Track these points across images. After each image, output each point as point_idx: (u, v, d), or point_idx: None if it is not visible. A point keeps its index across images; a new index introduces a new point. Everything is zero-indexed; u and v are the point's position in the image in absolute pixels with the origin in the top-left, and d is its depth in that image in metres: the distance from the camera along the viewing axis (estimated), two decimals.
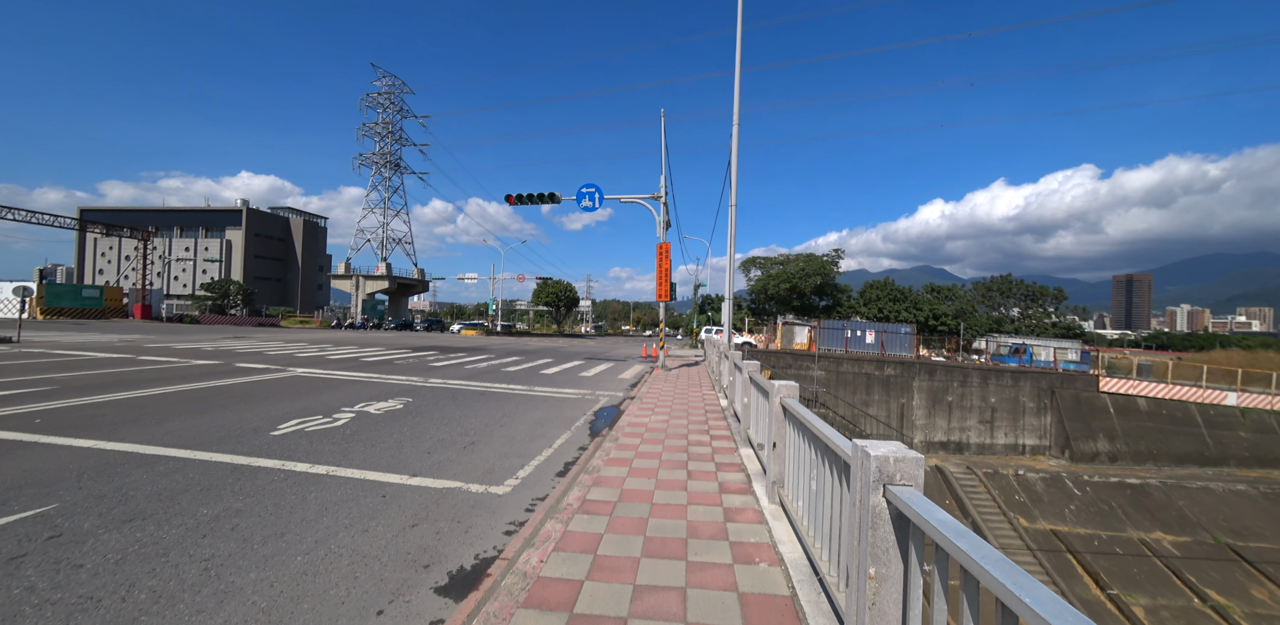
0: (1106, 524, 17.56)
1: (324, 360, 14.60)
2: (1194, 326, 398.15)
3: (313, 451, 5.44)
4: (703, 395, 10.18)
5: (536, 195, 15.36)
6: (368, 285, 71.96)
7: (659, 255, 14.91)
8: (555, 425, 7.44)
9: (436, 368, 13.99)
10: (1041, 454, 22.71)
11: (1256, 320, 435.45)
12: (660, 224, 14.98)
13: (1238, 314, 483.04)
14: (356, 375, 11.66)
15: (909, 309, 35.15)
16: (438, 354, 18.54)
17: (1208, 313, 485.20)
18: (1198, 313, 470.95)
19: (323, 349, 18.49)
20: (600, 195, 15.22)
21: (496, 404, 8.88)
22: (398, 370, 12.96)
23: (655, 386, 11.46)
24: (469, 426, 7.04)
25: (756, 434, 5.08)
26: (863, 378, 23.00)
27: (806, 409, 3.14)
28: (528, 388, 10.99)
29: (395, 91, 74.81)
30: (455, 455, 5.58)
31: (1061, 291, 40.45)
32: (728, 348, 10.09)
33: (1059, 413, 22.33)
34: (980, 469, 20.12)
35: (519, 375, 13.13)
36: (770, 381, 4.22)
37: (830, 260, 38.88)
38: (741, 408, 6.14)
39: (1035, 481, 19.43)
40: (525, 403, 9.17)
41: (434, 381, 11.20)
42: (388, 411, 7.75)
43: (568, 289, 77.51)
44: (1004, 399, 22.84)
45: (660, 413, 8.12)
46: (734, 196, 10.09)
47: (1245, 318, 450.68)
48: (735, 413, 7.62)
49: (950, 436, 22.77)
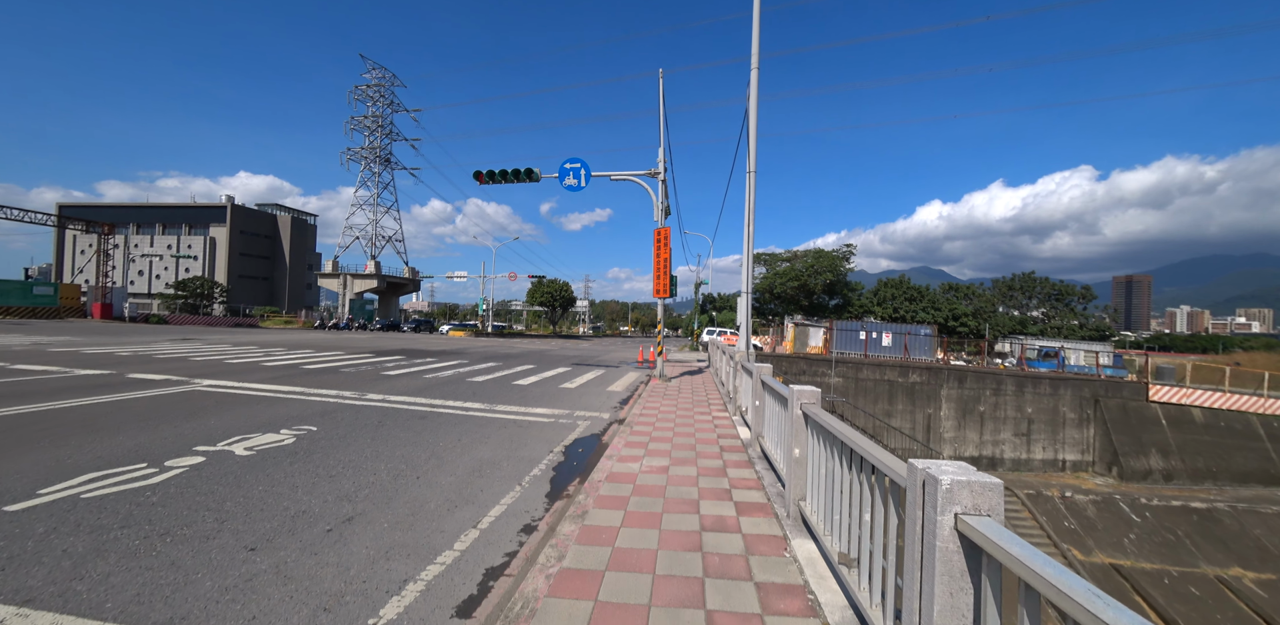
0: (1175, 557, 15.19)
1: (255, 368, 12.19)
2: (1194, 328, 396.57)
3: (39, 553, 3.04)
4: (713, 419, 7.79)
5: (511, 172, 12.97)
6: (356, 284, 69.49)
7: (657, 243, 12.52)
8: (502, 474, 5.05)
9: (387, 377, 11.59)
10: (1083, 470, 20.36)
11: (1256, 321, 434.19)
12: (658, 206, 12.61)
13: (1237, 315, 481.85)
14: (276, 389, 9.26)
15: (927, 309, 32.69)
16: (402, 359, 16.13)
17: (1207, 314, 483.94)
18: (1197, 314, 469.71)
19: (269, 354, 16.07)
20: (587, 172, 12.84)
21: (433, 435, 6.48)
22: (336, 381, 10.55)
23: (651, 404, 9.08)
24: (367, 480, 4.65)
25: (828, 525, 2.71)
26: (884, 385, 20.63)
27: None
28: (487, 407, 8.60)
29: (385, 84, 72.40)
30: (293, 557, 3.18)
31: (1090, 290, 37.88)
32: (746, 357, 7.71)
33: (1104, 425, 19.98)
34: (1021, 489, 17.75)
35: (484, 388, 10.73)
36: (881, 453, 1.86)
37: (841, 256, 36.28)
38: (785, 460, 3.78)
39: (1085, 505, 17.06)
40: (475, 431, 6.78)
41: (370, 398, 8.81)
42: (264, 451, 5.35)
43: (563, 288, 75.14)
44: (1042, 409, 20.49)
45: (656, 453, 5.72)
46: (753, 141, 7.68)
47: (1245, 319, 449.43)
48: (765, 454, 5.25)
49: (982, 451, 20.41)
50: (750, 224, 8.00)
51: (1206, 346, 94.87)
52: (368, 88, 71.25)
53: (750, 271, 7.94)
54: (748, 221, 8.03)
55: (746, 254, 7.97)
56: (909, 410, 20.54)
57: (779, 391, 4.28)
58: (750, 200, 7.99)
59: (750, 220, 7.98)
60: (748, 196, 7.97)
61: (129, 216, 78.87)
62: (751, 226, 8.02)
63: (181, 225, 77.73)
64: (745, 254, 7.98)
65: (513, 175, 12.97)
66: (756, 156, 8.17)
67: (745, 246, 8.03)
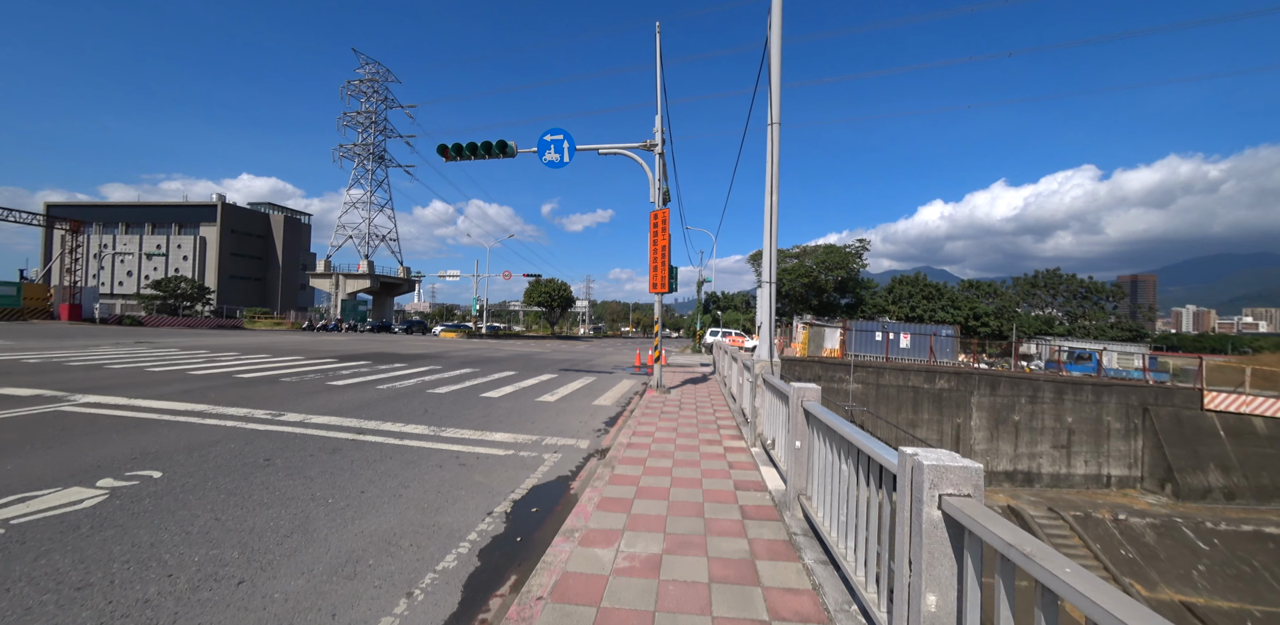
0: (1254, 593, 13.15)
1: (173, 379, 10.26)
2: (1200, 328, 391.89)
3: None
4: (725, 452, 5.83)
5: (481, 146, 11.02)
6: (348, 285, 67.71)
7: (653, 228, 10.56)
8: (387, 573, 3.09)
9: (331, 389, 9.64)
10: (1131, 487, 18.32)
11: (1263, 321, 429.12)
12: (654, 184, 10.65)
13: (1244, 315, 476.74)
14: (169, 408, 7.32)
15: (946, 308, 30.52)
16: (365, 365, 14.19)
17: (1213, 313, 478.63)
18: (1203, 313, 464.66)
19: (214, 360, 14.15)
20: (570, 145, 10.89)
21: (329, 482, 4.52)
22: (258, 396, 8.61)
23: (645, 424, 7.12)
24: (140, 594, 2.69)
25: None
26: (909, 392, 18.61)
27: None
28: (433, 431, 6.64)
29: (379, 79, 70.64)
30: None
31: (1121, 287, 35.52)
32: (770, 368, 5.74)
33: (1155, 436, 17.94)
34: (1066, 511, 15.73)
35: (443, 402, 8.78)
36: None
37: (854, 252, 33.99)
38: (853, 563, 1.86)
39: (1143, 530, 15.03)
40: (395, 476, 4.82)
41: (284, 420, 6.86)
42: (26, 526, 3.40)
43: (561, 288, 73.16)
44: (1083, 418, 18.45)
45: (643, 522, 3.75)
46: (775, 82, 5.67)
47: (1251, 319, 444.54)
48: (815, 530, 3.30)
49: (1017, 465, 18.38)
50: (774, 190, 6.04)
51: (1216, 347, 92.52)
52: (361, 83, 69.50)
53: (774, 255, 5.97)
54: (770, 188, 6.06)
55: (769, 230, 6.00)
56: (936, 420, 18.52)
57: (865, 450, 2.32)
58: (773, 158, 6.03)
59: (774, 184, 6.01)
60: (770, 151, 6.01)
61: (118, 216, 77.30)
62: (775, 195, 6.05)
63: (171, 225, 76.04)
64: (767, 229, 6.01)
65: (483, 149, 11.02)
66: (781, 105, 6.21)
67: (767, 221, 6.06)
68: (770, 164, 5.97)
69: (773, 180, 6.10)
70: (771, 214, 6.03)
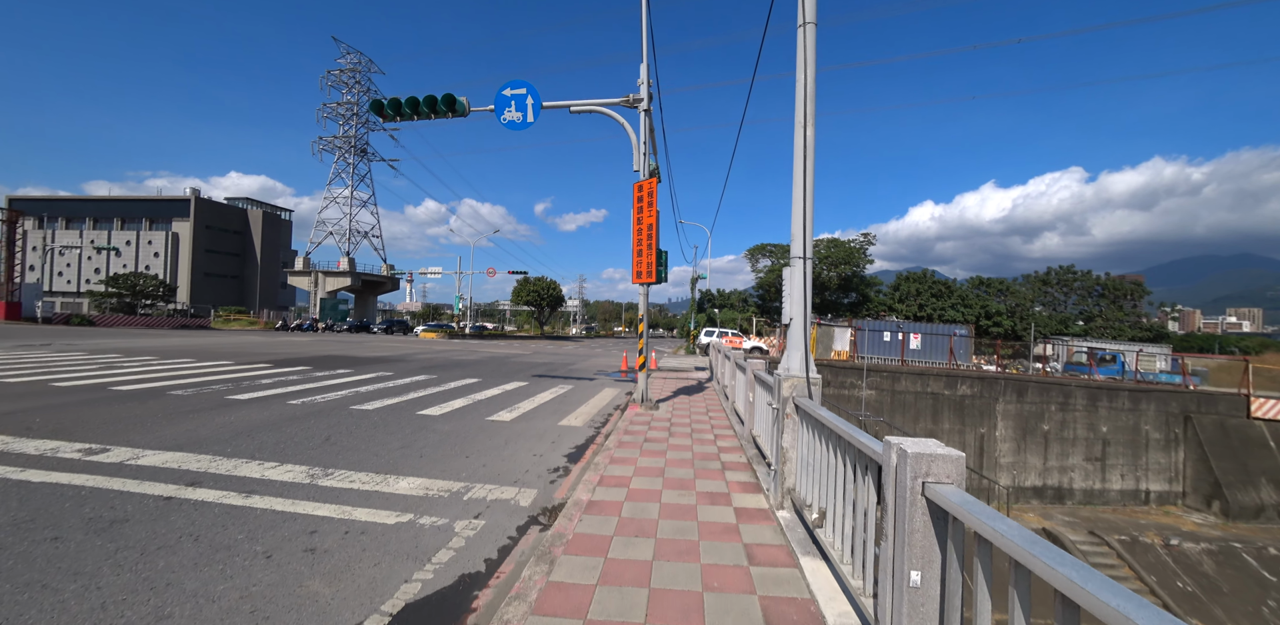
0: None
1: (31, 391, 8.06)
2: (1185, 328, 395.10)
3: None
4: (738, 524, 3.79)
5: (424, 102, 8.90)
6: (328, 282, 65.03)
7: (637, 202, 8.50)
8: None
9: (225, 405, 7.48)
10: (1171, 503, 16.54)
11: (1247, 321, 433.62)
12: (638, 148, 8.58)
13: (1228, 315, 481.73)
14: None
15: (956, 306, 28.71)
16: (300, 371, 12.01)
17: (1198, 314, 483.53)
18: (1188, 313, 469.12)
19: (110, 365, 11.90)
20: (535, 101, 8.80)
21: (8, 613, 2.40)
22: (106, 419, 6.45)
23: (619, 466, 5.07)
24: None
25: None
26: (927, 398, 16.69)
27: None
28: (309, 478, 4.53)
29: (361, 69, 67.96)
30: None
31: (1141, 284, 33.84)
32: (806, 387, 3.69)
33: (1198, 447, 16.16)
34: (1110, 534, 13.87)
35: (356, 427, 6.66)
36: None
37: (859, 247, 31.98)
38: None
39: (1199, 556, 13.20)
40: (169, 585, 2.71)
41: (99, 460, 4.73)
42: None
43: (550, 287, 70.87)
44: (1119, 427, 16.64)
45: None
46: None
47: (1235, 319, 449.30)
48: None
49: (1047, 479, 16.54)
50: (807, 119, 4.01)
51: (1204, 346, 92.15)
52: (341, 73, 66.76)
53: (809, 214, 3.95)
54: (803, 115, 4.03)
55: (803, 176, 3.96)
56: (958, 429, 16.62)
57: None
58: (807, 71, 4.00)
59: (807, 109, 4.00)
60: (802, 58, 3.98)
61: (86, 210, 74.03)
62: (810, 128, 4.02)
63: (142, 220, 72.81)
64: (800, 173, 3.98)
65: (426, 106, 8.89)
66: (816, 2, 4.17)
67: (799, 163, 4.03)
68: (803, 77, 3.93)
69: (806, 104, 4.05)
70: (805, 151, 3.98)
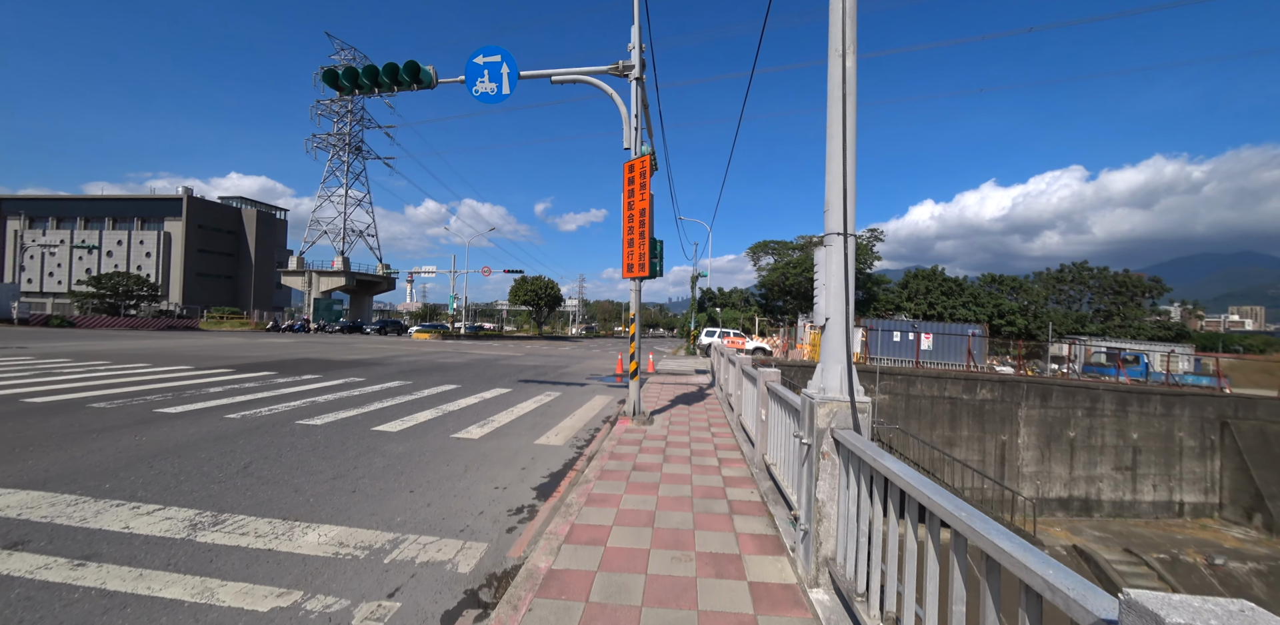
0: None
1: None
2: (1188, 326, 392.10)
3: None
4: (756, 614, 2.65)
5: (384, 71, 7.80)
6: (322, 282, 63.92)
7: (628, 185, 7.37)
8: None
9: (151, 419, 6.38)
10: (1207, 515, 15.41)
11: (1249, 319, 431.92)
12: (628, 122, 7.47)
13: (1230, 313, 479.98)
14: None
15: (968, 305, 27.56)
16: (259, 378, 10.90)
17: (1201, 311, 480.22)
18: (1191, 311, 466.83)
19: (47, 372, 10.80)
20: (512, 70, 7.68)
21: None
22: None
23: (599, 507, 3.96)
24: None
25: None
26: (945, 403, 15.56)
27: None
28: (186, 532, 3.40)
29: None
30: None
31: (1159, 281, 32.72)
32: (853, 416, 2.56)
33: (1237, 455, 15.04)
34: (1147, 552, 12.74)
35: (289, 449, 5.55)
36: None
37: (867, 244, 30.82)
38: None
39: (1247, 578, 12.07)
40: None
41: None
42: None
43: (549, 286, 69.76)
44: (1151, 434, 15.52)
45: None
46: None
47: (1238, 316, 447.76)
48: None
49: (1073, 490, 15.42)
50: (849, 25, 2.90)
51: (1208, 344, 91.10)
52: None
53: (850, 178, 2.84)
54: (843, 38, 2.92)
55: (841, 126, 2.86)
56: (977, 436, 15.50)
57: None
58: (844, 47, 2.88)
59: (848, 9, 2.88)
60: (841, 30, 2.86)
61: (76, 210, 72.91)
62: (851, 56, 2.90)
63: (134, 219, 71.70)
64: (840, 125, 2.88)
65: (387, 76, 7.79)
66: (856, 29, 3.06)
67: (839, 105, 2.93)
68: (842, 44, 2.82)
69: (845, 25, 2.94)
70: (845, 88, 2.87)
